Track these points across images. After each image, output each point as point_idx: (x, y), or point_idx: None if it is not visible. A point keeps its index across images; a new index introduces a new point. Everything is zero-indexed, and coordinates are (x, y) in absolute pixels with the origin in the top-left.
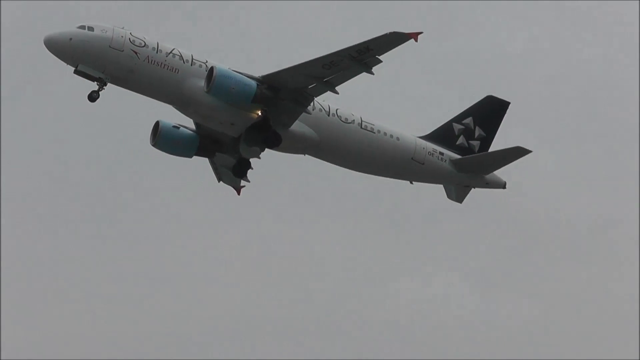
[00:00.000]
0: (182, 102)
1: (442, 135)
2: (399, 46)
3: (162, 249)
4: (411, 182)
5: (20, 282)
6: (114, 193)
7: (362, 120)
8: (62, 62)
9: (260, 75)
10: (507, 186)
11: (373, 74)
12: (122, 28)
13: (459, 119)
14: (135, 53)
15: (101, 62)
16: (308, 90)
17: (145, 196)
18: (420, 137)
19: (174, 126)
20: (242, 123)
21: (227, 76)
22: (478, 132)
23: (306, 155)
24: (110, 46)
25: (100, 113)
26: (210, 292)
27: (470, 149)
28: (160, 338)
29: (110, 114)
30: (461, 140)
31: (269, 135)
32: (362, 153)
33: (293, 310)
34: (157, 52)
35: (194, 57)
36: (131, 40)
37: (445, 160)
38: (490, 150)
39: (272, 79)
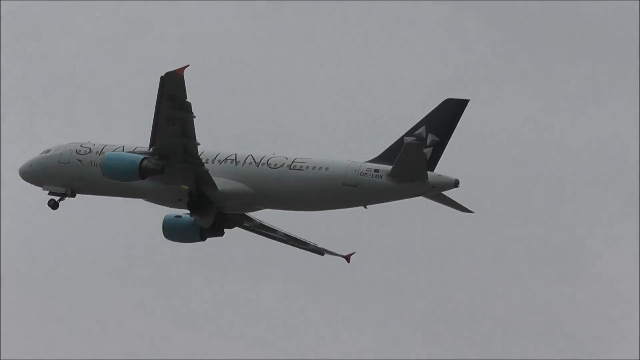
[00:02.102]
0: (130, 193)
1: (393, 152)
2: None
3: None
4: (365, 207)
5: None
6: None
7: (292, 161)
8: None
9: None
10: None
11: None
12: (87, 142)
13: (411, 131)
14: (80, 161)
15: (56, 178)
16: (189, 147)
17: None
18: (370, 160)
19: (176, 216)
20: (184, 197)
21: (110, 158)
22: (430, 138)
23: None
24: (59, 162)
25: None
26: None
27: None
28: None
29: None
30: None
31: (191, 199)
32: (295, 193)
33: None
34: (99, 154)
35: (125, 148)
36: (78, 150)
37: (381, 177)
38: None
39: (157, 148)
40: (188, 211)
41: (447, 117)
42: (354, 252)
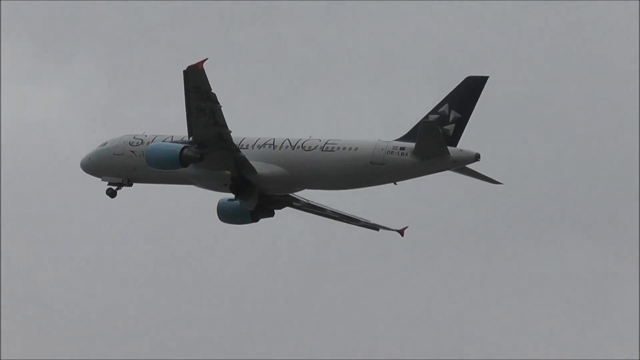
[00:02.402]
0: (180, 180)
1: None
2: None
3: None
4: (395, 183)
5: None
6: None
7: (325, 143)
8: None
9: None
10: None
11: None
12: (140, 134)
13: (435, 109)
14: (133, 152)
15: (112, 169)
16: (223, 134)
17: None
18: (399, 138)
19: (229, 199)
20: (227, 181)
21: (153, 149)
22: (453, 115)
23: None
24: (114, 153)
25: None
26: None
27: (445, 134)
28: None
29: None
30: None
31: (234, 183)
32: (329, 173)
33: None
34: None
35: (173, 138)
36: (131, 142)
37: (407, 154)
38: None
39: (195, 137)
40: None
41: (467, 94)
42: (407, 227)
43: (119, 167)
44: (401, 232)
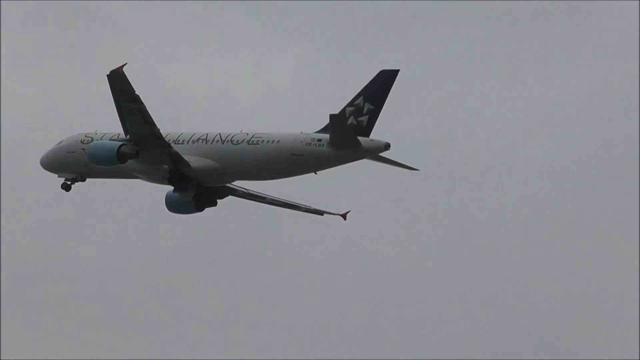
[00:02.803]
0: (127, 175)
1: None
2: None
3: None
4: (315, 173)
5: None
6: None
7: (252, 137)
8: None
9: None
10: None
11: None
12: (92, 132)
13: (351, 102)
14: (84, 150)
15: (66, 166)
16: (154, 132)
17: None
18: (319, 130)
19: (174, 190)
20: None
21: (94, 147)
22: (367, 107)
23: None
24: (67, 151)
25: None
26: None
27: (359, 126)
28: None
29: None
30: (351, 120)
31: (171, 176)
32: (255, 165)
33: None
34: None
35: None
36: (82, 140)
37: (323, 145)
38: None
39: (131, 135)
40: None
41: (380, 87)
42: (349, 210)
43: (72, 164)
44: (344, 215)
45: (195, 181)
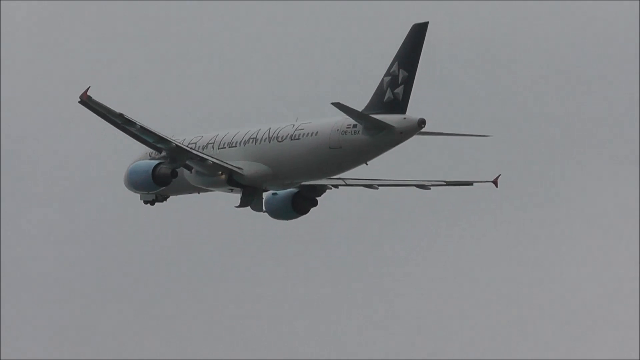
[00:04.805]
0: (199, 189)
1: (376, 99)
2: None
3: None
4: (366, 164)
5: None
6: None
7: (294, 130)
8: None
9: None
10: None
11: None
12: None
13: (388, 70)
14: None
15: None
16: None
17: None
18: (363, 109)
19: (273, 193)
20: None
21: (131, 172)
22: (402, 75)
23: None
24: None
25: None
26: None
27: (395, 99)
28: None
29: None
30: (388, 94)
31: (231, 183)
32: (299, 165)
33: None
34: None
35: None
36: (150, 154)
37: (359, 132)
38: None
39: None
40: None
41: (411, 47)
42: (500, 175)
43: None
44: (495, 182)
45: (259, 188)
